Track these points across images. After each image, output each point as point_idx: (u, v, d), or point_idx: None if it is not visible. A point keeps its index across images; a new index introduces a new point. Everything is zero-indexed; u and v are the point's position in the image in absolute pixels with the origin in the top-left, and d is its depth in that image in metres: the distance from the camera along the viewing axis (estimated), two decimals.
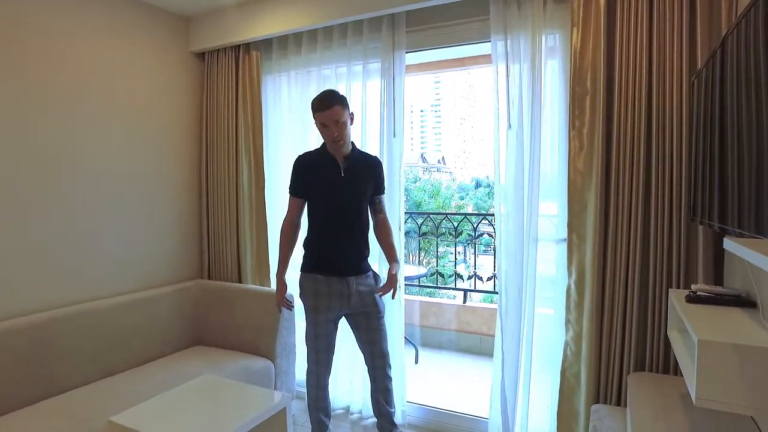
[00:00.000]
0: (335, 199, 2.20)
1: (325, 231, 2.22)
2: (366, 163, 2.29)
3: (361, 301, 2.23)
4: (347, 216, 2.22)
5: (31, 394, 2.14)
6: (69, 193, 2.49)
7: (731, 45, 1.28)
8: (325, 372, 2.29)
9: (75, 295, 2.51)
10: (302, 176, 2.23)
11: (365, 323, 2.27)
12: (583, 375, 2.16)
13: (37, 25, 2.34)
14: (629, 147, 2.01)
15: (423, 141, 33.66)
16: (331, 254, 2.21)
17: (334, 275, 2.19)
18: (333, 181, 2.19)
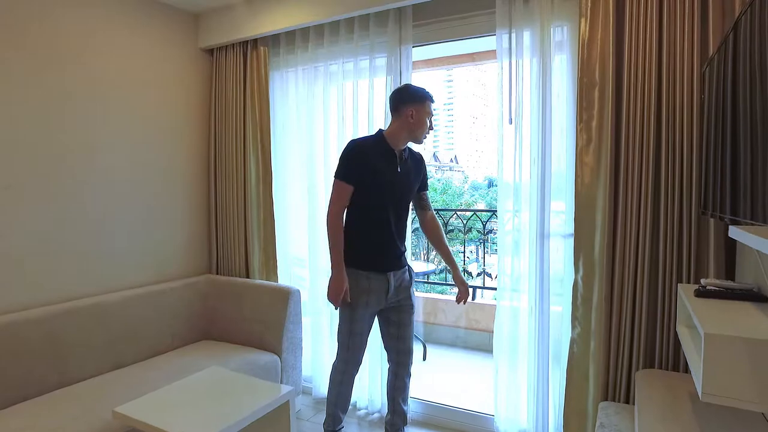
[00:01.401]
0: (391, 193, 2.13)
1: (373, 225, 2.13)
2: (415, 159, 2.28)
3: (397, 297, 2.21)
4: (397, 212, 2.18)
5: (43, 384, 2.18)
6: (81, 189, 2.52)
7: (744, 26, 1.23)
8: (354, 370, 2.24)
9: (87, 289, 2.54)
10: (361, 164, 2.08)
11: (397, 319, 2.25)
12: (591, 372, 2.13)
13: (48, 24, 2.37)
14: (638, 139, 1.97)
15: (435, 140, 33.55)
16: (376, 250, 2.14)
17: (375, 271, 2.13)
18: (391, 174, 2.13)
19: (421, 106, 2.12)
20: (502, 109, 2.29)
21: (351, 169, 2.08)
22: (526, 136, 2.25)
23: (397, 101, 2.15)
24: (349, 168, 2.09)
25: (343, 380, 2.23)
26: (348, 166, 2.09)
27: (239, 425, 1.69)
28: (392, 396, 2.30)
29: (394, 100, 2.17)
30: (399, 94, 2.17)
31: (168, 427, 1.64)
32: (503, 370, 2.38)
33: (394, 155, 2.15)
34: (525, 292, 2.30)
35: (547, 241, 2.26)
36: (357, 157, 2.09)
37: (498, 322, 2.38)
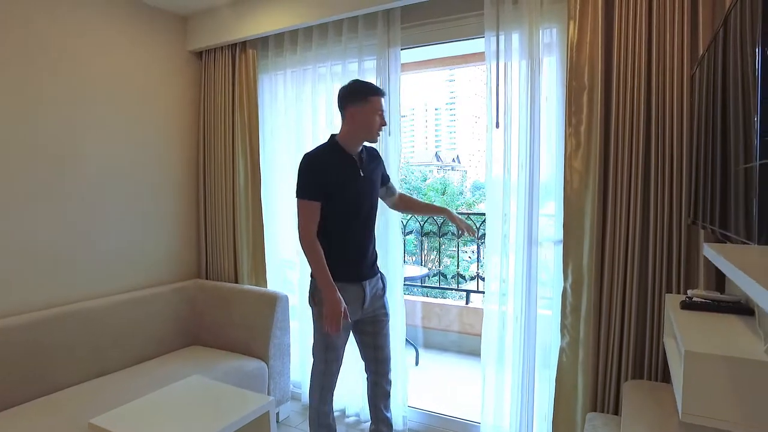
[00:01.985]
0: (358, 200, 2.02)
1: (343, 236, 2.02)
2: (373, 157, 2.16)
3: (373, 305, 2.12)
4: (366, 217, 2.08)
5: (25, 392, 2.15)
6: (66, 192, 2.49)
7: (734, 23, 1.18)
8: (331, 384, 2.11)
9: (73, 294, 2.52)
10: (322, 177, 1.95)
11: (372, 329, 2.15)
12: (579, 382, 2.09)
13: (36, 25, 2.34)
14: (628, 144, 1.93)
15: (437, 139, 33.48)
16: (350, 260, 2.04)
17: (350, 281, 2.03)
18: (355, 180, 2.01)
19: (365, 104, 1.96)
20: (490, 113, 2.25)
21: (313, 186, 1.95)
22: (514, 140, 2.21)
23: (341, 102, 2.02)
24: (311, 184, 1.96)
25: (322, 397, 2.11)
26: (309, 182, 1.96)
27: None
28: (374, 404, 2.23)
29: (339, 100, 2.03)
30: (341, 94, 2.02)
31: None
32: (490, 376, 2.34)
33: (353, 160, 2.03)
34: (512, 296, 2.26)
35: (536, 246, 2.22)
36: (316, 171, 1.96)
37: (485, 328, 2.34)
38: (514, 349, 2.26)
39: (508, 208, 2.26)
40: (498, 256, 2.29)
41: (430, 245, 5.73)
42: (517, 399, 2.26)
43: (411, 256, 5.54)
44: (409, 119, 36.18)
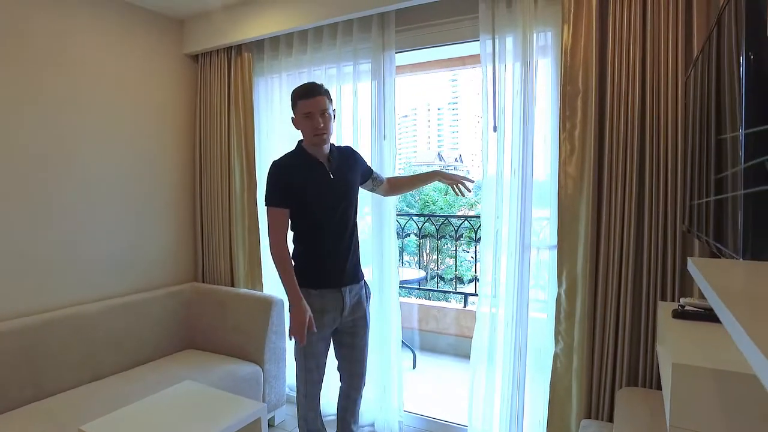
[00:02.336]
0: (327, 204, 1.98)
1: (317, 241, 1.99)
2: (346, 156, 2.12)
3: (352, 315, 2.07)
4: (341, 221, 2.03)
5: (17, 397, 2.14)
6: (62, 195, 2.49)
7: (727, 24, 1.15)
8: (315, 391, 2.08)
9: (67, 298, 2.52)
10: (285, 184, 1.95)
11: (351, 341, 2.11)
12: (574, 388, 2.07)
13: (31, 28, 2.34)
14: (622, 150, 1.91)
15: (440, 139, 33.46)
16: (325, 265, 2.00)
17: (328, 287, 1.99)
18: (323, 185, 1.98)
19: (296, 109, 1.97)
20: (486, 116, 2.24)
21: (280, 192, 1.95)
22: (507, 143, 2.20)
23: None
24: (277, 191, 1.95)
25: (309, 405, 2.09)
26: (275, 189, 1.95)
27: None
28: (342, 416, 2.20)
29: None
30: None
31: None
32: (479, 379, 2.33)
33: (320, 163, 2.00)
34: (503, 299, 2.25)
35: (528, 250, 2.21)
36: (282, 178, 1.95)
37: (477, 330, 2.34)
38: (504, 352, 2.25)
39: (500, 210, 2.25)
40: (490, 260, 2.28)
41: (431, 246, 5.70)
42: (507, 403, 2.25)
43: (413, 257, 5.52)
44: (411, 119, 36.17)
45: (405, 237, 4.66)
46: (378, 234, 2.63)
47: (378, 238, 2.63)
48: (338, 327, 2.08)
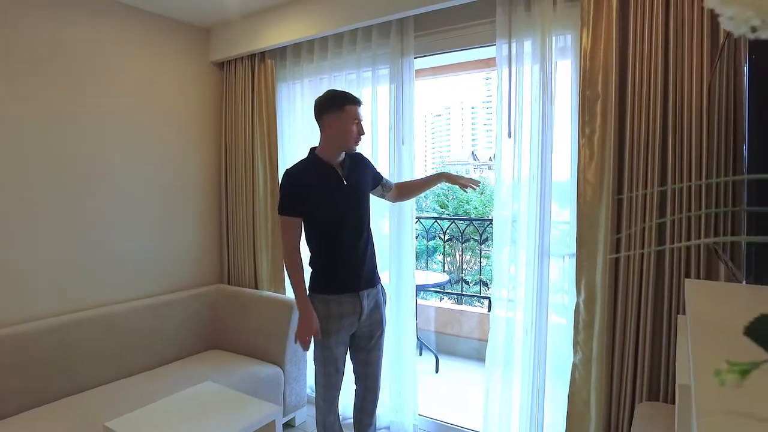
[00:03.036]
0: (342, 210, 2.01)
1: (333, 247, 2.02)
2: (357, 163, 2.14)
3: (369, 318, 2.10)
4: (355, 226, 2.06)
5: (53, 391, 2.27)
6: (94, 200, 2.61)
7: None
8: (335, 395, 2.12)
9: (99, 298, 2.63)
10: (301, 193, 1.97)
11: (367, 345, 2.15)
12: (592, 400, 2.02)
13: (67, 41, 2.46)
14: (643, 157, 1.85)
15: (474, 138, 33.06)
16: (342, 271, 2.03)
17: (346, 292, 2.02)
18: (338, 192, 2.01)
19: (341, 113, 1.95)
20: (500, 121, 2.21)
21: (292, 202, 1.98)
22: (525, 147, 2.16)
23: (318, 112, 2.01)
24: (290, 200, 1.98)
25: (328, 408, 2.13)
26: (288, 198, 1.98)
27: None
28: (359, 419, 2.23)
29: (314, 111, 2.03)
30: (317, 105, 2.01)
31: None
32: (495, 385, 2.31)
33: (333, 170, 2.02)
34: (522, 303, 2.22)
35: (547, 256, 2.17)
36: (295, 187, 1.97)
37: (492, 334, 2.32)
38: (523, 358, 2.22)
39: (517, 215, 2.22)
40: (506, 266, 2.25)
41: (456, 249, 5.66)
42: (526, 412, 2.21)
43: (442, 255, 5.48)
44: (445, 118, 35.86)
45: (431, 240, 4.64)
46: (396, 237, 2.64)
47: (396, 241, 2.64)
48: (355, 331, 2.11)
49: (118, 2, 2.67)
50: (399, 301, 2.64)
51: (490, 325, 2.33)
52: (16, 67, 2.30)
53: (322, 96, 2.02)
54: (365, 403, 2.22)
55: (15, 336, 2.19)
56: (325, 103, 1.99)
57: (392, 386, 2.68)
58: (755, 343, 0.31)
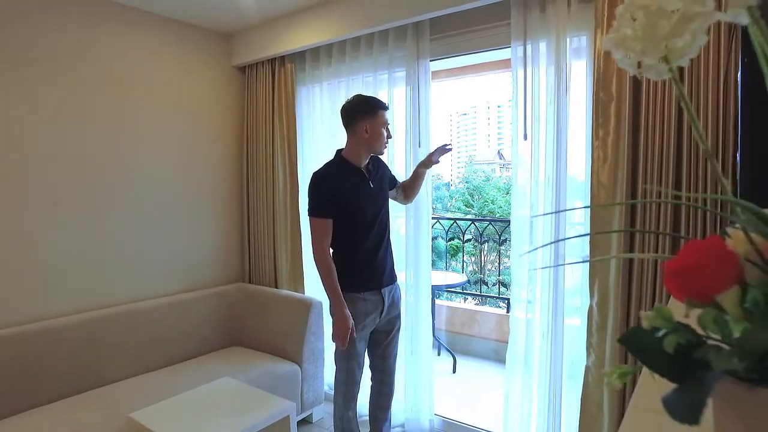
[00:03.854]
0: (369, 211, 2.08)
1: (360, 247, 2.08)
2: (378, 166, 2.23)
3: (389, 315, 2.18)
4: (380, 227, 2.14)
5: (81, 383, 2.38)
6: (120, 202, 2.72)
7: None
8: (354, 391, 2.19)
9: (124, 295, 2.74)
10: (331, 194, 2.01)
11: (385, 339, 2.23)
12: (605, 403, 2.01)
13: (95, 50, 2.58)
14: (658, 159, 1.83)
15: (500, 137, 32.73)
16: (368, 270, 2.10)
17: (371, 290, 2.10)
18: (364, 193, 2.08)
19: (374, 118, 2.03)
20: (515, 123, 2.21)
21: (322, 203, 2.02)
22: (541, 148, 2.17)
23: (349, 117, 2.06)
24: (321, 202, 2.02)
25: (346, 404, 2.18)
26: (319, 200, 2.02)
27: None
28: (374, 414, 2.29)
29: (345, 116, 2.08)
30: (349, 109, 2.07)
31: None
32: (515, 386, 2.32)
33: (361, 173, 2.09)
34: (539, 306, 2.23)
35: (562, 258, 2.16)
36: (326, 188, 2.02)
37: (512, 336, 2.33)
38: (540, 360, 2.22)
39: (534, 216, 2.22)
40: (524, 269, 2.26)
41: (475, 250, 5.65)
42: (543, 413, 2.22)
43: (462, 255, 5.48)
44: (471, 117, 35.58)
45: (450, 240, 4.65)
46: (414, 238, 2.66)
47: (413, 241, 2.66)
48: (376, 327, 2.18)
49: (143, 11, 2.78)
50: (416, 301, 2.67)
51: (510, 326, 2.34)
52: (49, 73, 2.42)
53: (353, 101, 2.08)
54: (380, 398, 2.28)
55: (47, 330, 2.31)
56: (358, 108, 2.05)
57: (408, 385, 2.71)
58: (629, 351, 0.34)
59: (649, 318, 0.31)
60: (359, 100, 2.08)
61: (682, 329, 0.29)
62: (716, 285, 0.27)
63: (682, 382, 0.26)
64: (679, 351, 0.27)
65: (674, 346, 0.27)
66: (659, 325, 0.30)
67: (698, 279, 0.28)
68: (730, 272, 0.27)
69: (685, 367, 0.27)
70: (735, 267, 0.27)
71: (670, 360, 0.27)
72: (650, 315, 0.31)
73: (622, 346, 1.94)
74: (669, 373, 0.28)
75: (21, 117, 2.33)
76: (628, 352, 0.39)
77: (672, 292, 0.31)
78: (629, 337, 0.32)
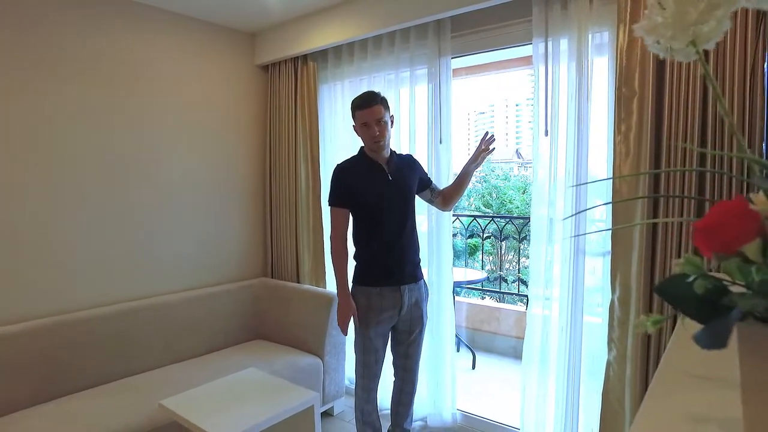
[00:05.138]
0: (386, 205, 2.12)
1: (376, 240, 2.13)
2: (406, 163, 2.27)
3: (410, 314, 2.18)
4: (399, 221, 2.16)
5: (111, 373, 2.48)
6: (147, 198, 2.81)
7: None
8: (373, 385, 2.22)
9: (152, 289, 2.83)
10: (347, 185, 2.12)
11: (406, 339, 2.23)
12: (627, 398, 2.01)
13: (122, 50, 2.66)
14: (681, 154, 1.83)
15: (518, 135, 32.47)
16: (386, 264, 2.12)
17: (388, 285, 2.12)
18: (382, 186, 2.13)
19: (354, 119, 2.14)
20: (537, 120, 2.23)
21: (340, 193, 2.14)
22: (562, 144, 2.18)
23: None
24: (338, 192, 2.14)
25: (366, 397, 2.22)
26: (336, 190, 2.15)
27: (261, 426, 1.82)
28: (396, 411, 2.31)
29: None
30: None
31: (199, 423, 1.81)
32: (531, 381, 2.34)
33: (380, 166, 2.15)
34: (557, 302, 2.24)
35: (582, 255, 2.17)
36: (342, 179, 2.14)
37: (528, 332, 2.35)
38: (558, 356, 2.23)
39: (553, 212, 2.23)
40: (542, 260, 2.27)
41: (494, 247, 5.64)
42: (561, 409, 2.23)
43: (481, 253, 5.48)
44: (489, 115, 35.37)
45: (469, 238, 4.66)
46: (435, 235, 2.69)
47: (435, 238, 2.69)
48: (396, 324, 2.19)
49: (169, 11, 2.86)
50: (438, 297, 2.70)
51: (527, 322, 2.36)
52: (77, 73, 2.51)
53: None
54: (403, 395, 2.30)
55: (79, 321, 2.40)
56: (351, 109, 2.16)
57: (430, 380, 2.74)
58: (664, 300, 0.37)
59: (680, 264, 0.34)
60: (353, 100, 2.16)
61: (709, 277, 0.32)
62: (741, 238, 0.30)
63: (710, 322, 0.29)
64: (706, 297, 0.30)
65: (703, 288, 0.30)
66: (689, 271, 0.33)
67: (725, 233, 0.31)
68: (753, 227, 0.30)
69: (713, 311, 0.30)
70: (758, 222, 0.30)
71: (700, 305, 0.30)
72: (681, 261, 0.34)
73: (644, 342, 1.94)
74: (699, 316, 0.31)
75: (52, 116, 2.42)
76: (664, 300, 0.42)
77: (701, 247, 0.34)
78: (664, 286, 0.36)
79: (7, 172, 2.29)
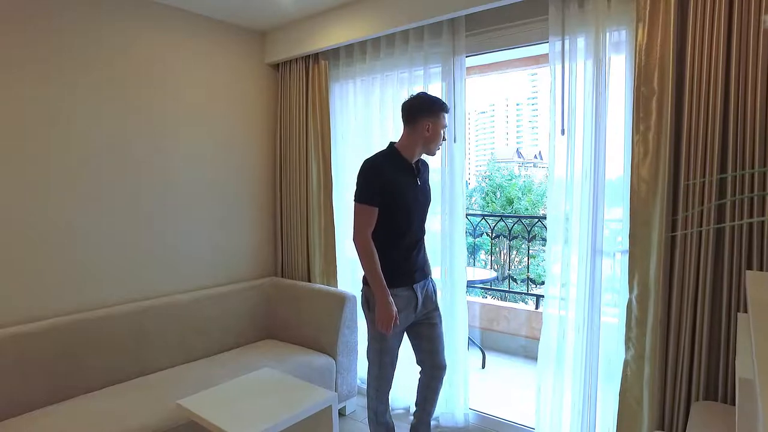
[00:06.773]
0: (414, 207, 2.08)
1: (400, 243, 2.07)
2: (425, 169, 2.24)
3: (425, 309, 2.17)
4: (420, 224, 2.14)
5: (125, 372, 2.47)
6: (159, 198, 2.80)
7: None
8: (387, 386, 2.19)
9: (164, 288, 2.82)
10: (382, 183, 1.98)
11: (428, 333, 2.21)
12: (645, 398, 2.01)
13: (136, 50, 2.65)
14: (701, 154, 1.82)
15: (519, 135, 32.48)
16: (404, 266, 2.09)
17: (402, 286, 2.08)
18: (413, 188, 2.08)
19: (438, 118, 2.04)
20: (553, 119, 2.22)
21: (373, 191, 1.98)
22: (579, 143, 2.17)
23: (413, 112, 2.04)
24: (371, 189, 1.98)
25: (379, 398, 2.20)
26: (369, 187, 1.99)
27: (280, 426, 1.81)
28: (422, 406, 2.29)
29: (408, 111, 2.06)
30: (415, 105, 2.05)
31: (218, 423, 1.80)
32: (547, 381, 2.33)
33: (411, 168, 2.09)
34: (573, 302, 2.23)
35: (600, 255, 2.17)
36: (377, 176, 1.99)
37: (544, 332, 2.34)
38: (575, 357, 2.23)
39: (570, 212, 2.22)
40: (559, 260, 2.27)
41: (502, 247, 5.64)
42: (577, 409, 2.22)
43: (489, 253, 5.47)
44: (489, 115, 35.33)
45: (478, 237, 4.65)
46: (449, 234, 2.68)
47: (449, 238, 2.69)
48: (415, 320, 2.18)
49: (180, 9, 2.85)
50: (452, 297, 2.70)
51: (543, 322, 2.35)
52: (92, 71, 2.50)
53: (420, 98, 2.09)
54: (429, 392, 2.27)
55: (93, 320, 2.40)
56: (424, 106, 2.05)
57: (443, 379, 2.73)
58: None
59: None
60: (426, 98, 2.07)
61: None
62: None
63: None
64: None
65: None
66: None
67: None
68: None
69: None
70: None
71: None
72: None
73: (662, 342, 1.94)
74: None
75: (66, 115, 2.42)
76: None
77: None
78: None
79: (29, 173, 2.29)
